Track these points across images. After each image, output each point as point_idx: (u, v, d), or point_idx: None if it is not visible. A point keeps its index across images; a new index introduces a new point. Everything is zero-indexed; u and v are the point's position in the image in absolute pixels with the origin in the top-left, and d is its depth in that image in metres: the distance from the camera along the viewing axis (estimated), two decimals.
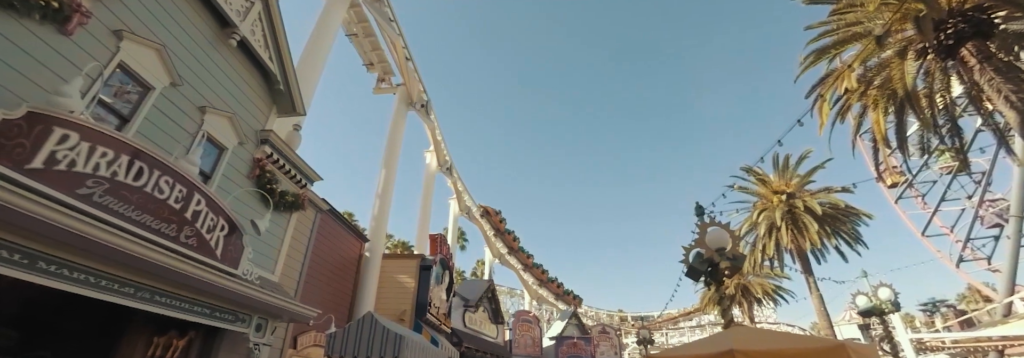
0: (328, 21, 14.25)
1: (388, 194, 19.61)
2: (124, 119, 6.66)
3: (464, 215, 40.65)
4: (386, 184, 19.75)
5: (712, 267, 7.75)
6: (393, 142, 21.87)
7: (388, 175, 20.00)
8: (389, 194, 19.64)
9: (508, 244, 46.21)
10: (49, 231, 5.17)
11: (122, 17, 6.49)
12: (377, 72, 23.50)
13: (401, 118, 23.89)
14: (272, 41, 9.65)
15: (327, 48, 13.79)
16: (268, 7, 9.55)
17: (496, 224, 42.66)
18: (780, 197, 26.16)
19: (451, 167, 35.79)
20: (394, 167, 20.49)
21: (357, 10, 19.62)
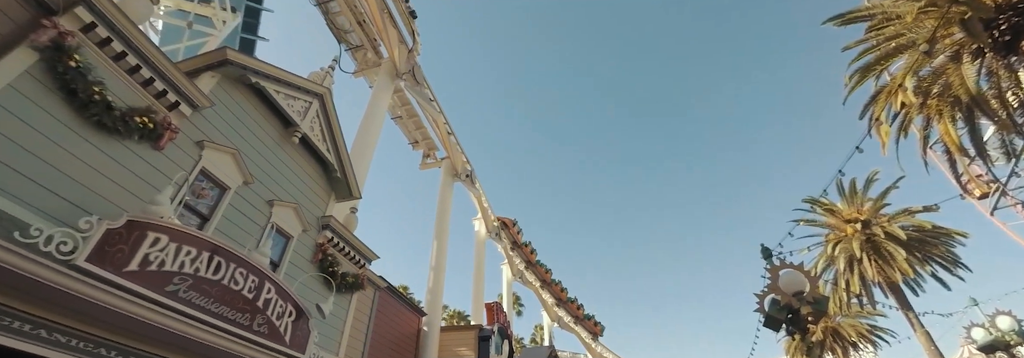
0: (376, 108, 15.40)
1: (441, 266, 19.83)
2: (204, 218, 7.31)
3: (517, 279, 40.07)
4: (438, 256, 20.04)
5: (792, 314, 6.91)
6: (442, 214, 22.43)
7: (440, 247, 20.34)
8: (442, 266, 19.86)
9: (525, 258, 44.37)
10: (141, 328, 5.61)
11: (203, 129, 7.36)
12: (422, 149, 24.70)
13: (448, 189, 24.66)
14: (329, 134, 10.52)
15: (376, 133, 14.79)
16: (324, 105, 10.52)
17: (513, 235, 41.43)
18: (854, 226, 23.44)
19: (499, 232, 35.98)
20: (445, 239, 20.87)
21: (400, 95, 21.11)
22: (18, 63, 5.00)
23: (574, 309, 48.84)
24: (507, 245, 34.90)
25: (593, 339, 49.67)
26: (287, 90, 9.39)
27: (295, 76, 9.61)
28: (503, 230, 38.67)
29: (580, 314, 48.88)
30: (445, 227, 21.42)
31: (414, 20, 20.79)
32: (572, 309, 48.80)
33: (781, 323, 7.04)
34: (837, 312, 29.21)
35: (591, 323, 48.78)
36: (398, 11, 19.60)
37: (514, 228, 39.30)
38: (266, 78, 8.75)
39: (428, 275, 19.52)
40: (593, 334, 47.83)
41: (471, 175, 28.43)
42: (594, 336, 48.54)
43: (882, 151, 15.53)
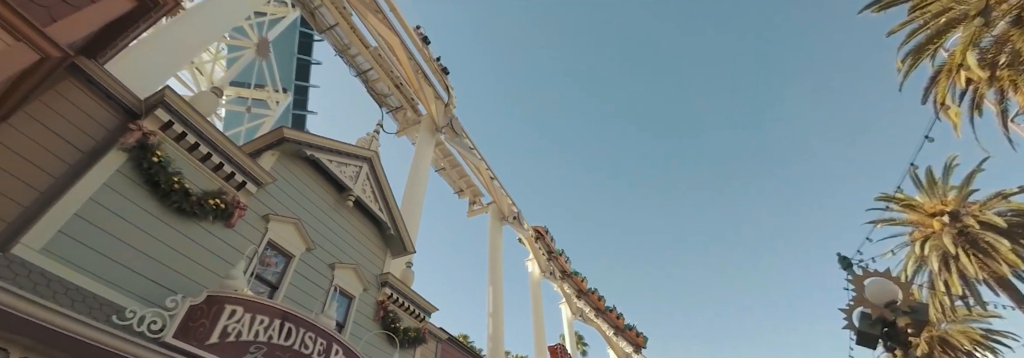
0: (420, 163, 16.01)
1: (499, 312, 19.72)
2: (273, 286, 7.73)
3: (578, 318, 39.07)
4: (495, 302, 19.97)
5: (888, 327, 6.13)
6: (495, 259, 22.52)
7: (495, 292, 20.30)
8: (500, 311, 19.74)
9: (561, 266, 42.56)
10: None
11: (267, 203, 7.91)
12: (468, 196, 25.19)
13: (498, 233, 24.83)
14: (380, 194, 11.01)
15: (423, 186, 15.31)
16: (373, 167, 11.08)
17: (547, 244, 39.98)
18: (941, 220, 20.57)
19: (554, 271, 35.53)
20: (500, 283, 20.85)
21: (441, 147, 21.86)
22: (111, 164, 5.65)
23: (634, 337, 46.78)
24: (558, 275, 34.22)
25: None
26: (339, 158, 10.00)
27: (344, 144, 10.25)
28: (540, 241, 36.92)
29: (640, 342, 46.58)
30: (499, 271, 21.45)
31: (446, 76, 21.78)
32: (631, 337, 46.78)
33: (876, 339, 6.22)
34: (940, 319, 25.08)
35: (632, 334, 46.71)
36: (431, 70, 20.63)
37: (547, 236, 37.02)
38: (319, 150, 9.38)
39: (487, 322, 19.43)
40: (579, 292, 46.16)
41: (519, 217, 28.58)
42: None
43: (955, 133, 14.34)
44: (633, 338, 46.01)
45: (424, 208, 14.96)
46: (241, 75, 23.56)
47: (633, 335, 49.85)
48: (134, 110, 6.16)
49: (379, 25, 17.53)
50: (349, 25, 17.09)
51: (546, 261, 33.28)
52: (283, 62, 25.18)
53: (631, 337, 45.93)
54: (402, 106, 19.50)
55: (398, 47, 18.68)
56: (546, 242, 37.37)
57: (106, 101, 5.95)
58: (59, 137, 5.40)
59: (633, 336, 49.90)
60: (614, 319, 50.55)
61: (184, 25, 8.39)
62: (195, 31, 8.40)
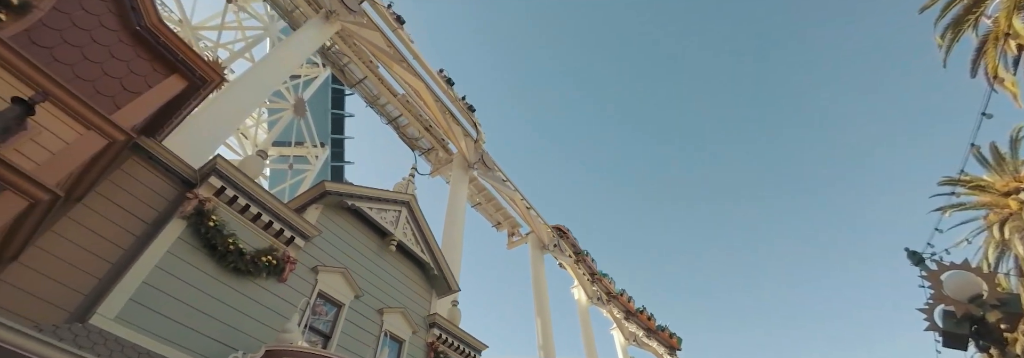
0: (456, 201, 16.30)
1: (549, 343, 19.41)
2: (326, 336, 7.93)
3: (632, 343, 37.91)
4: (545, 333, 19.69)
5: (977, 324, 5.50)
6: (540, 289, 22.34)
7: (544, 323, 20.05)
8: (551, 343, 19.43)
9: (605, 288, 40.01)
10: None
11: (315, 255, 8.22)
12: (506, 228, 25.28)
13: (539, 263, 24.70)
14: (420, 236, 11.24)
15: (461, 224, 15.53)
16: (411, 210, 11.36)
17: (572, 243, 37.33)
18: (1018, 197, 18.52)
19: (601, 295, 34.75)
20: (547, 314, 20.60)
21: (475, 183, 22.19)
22: (173, 232, 6.05)
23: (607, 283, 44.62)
24: (604, 299, 33.29)
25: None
26: (378, 204, 10.33)
27: (382, 191, 10.60)
28: (561, 239, 34.25)
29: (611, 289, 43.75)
30: (545, 302, 21.23)
31: (473, 113, 22.28)
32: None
33: (966, 338, 5.59)
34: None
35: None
36: (458, 109, 21.21)
37: (570, 236, 33.56)
38: (359, 199, 9.73)
39: (538, 355, 19.14)
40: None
41: (559, 244, 28.35)
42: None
43: (1016, 103, 13.53)
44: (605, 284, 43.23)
45: (464, 244, 15.16)
46: (281, 135, 24.85)
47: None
48: (190, 180, 6.61)
49: (404, 73, 18.29)
50: (376, 77, 17.91)
51: (591, 285, 32.66)
52: (319, 118, 26.47)
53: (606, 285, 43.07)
54: (433, 147, 20.04)
55: (424, 91, 19.38)
56: (571, 242, 34.16)
57: (165, 174, 6.43)
58: (126, 211, 5.85)
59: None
60: (667, 338, 47.95)
61: (230, 96, 9.06)
62: (240, 101, 9.05)
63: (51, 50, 5.62)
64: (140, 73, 6.45)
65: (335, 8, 14.87)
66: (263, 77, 10.02)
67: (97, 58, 6.03)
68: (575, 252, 33.25)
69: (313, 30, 13.46)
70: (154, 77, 6.64)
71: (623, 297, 37.33)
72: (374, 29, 17.43)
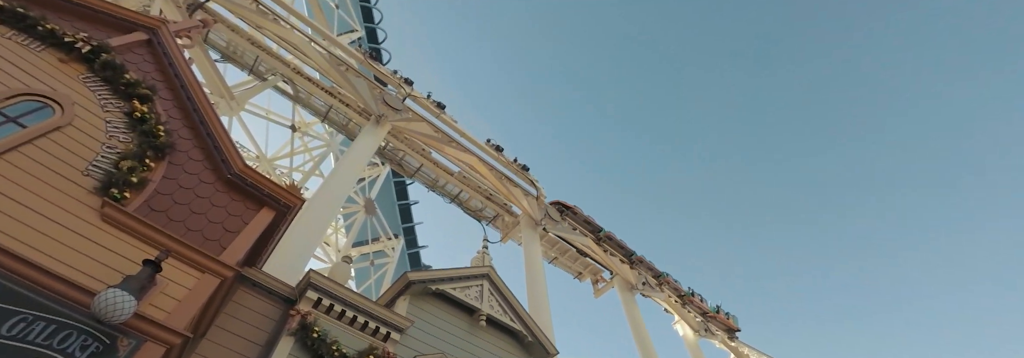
0: (533, 262, 16.34)
1: None
2: None
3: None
4: None
5: None
6: (639, 332, 21.30)
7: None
8: None
9: (674, 289, 33.22)
10: None
11: (412, 346, 8.49)
12: (588, 277, 24.75)
13: (633, 306, 23.71)
14: (507, 306, 11.31)
15: (543, 283, 15.46)
16: (493, 282, 11.54)
17: (651, 267, 29.92)
18: None
19: (707, 327, 32.43)
20: (654, 356, 19.48)
21: (547, 238, 22.22)
22: (284, 350, 6.54)
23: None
24: (713, 329, 30.82)
25: None
26: (460, 283, 10.62)
27: (461, 269, 10.91)
28: (567, 215, 27.89)
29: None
30: (648, 344, 20.15)
31: (528, 172, 22.70)
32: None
33: None
34: None
35: None
36: (513, 172, 21.75)
37: (576, 209, 25.22)
38: (441, 282, 10.08)
39: None
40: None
41: (648, 282, 27.16)
42: None
43: None
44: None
45: (550, 302, 15.00)
46: (358, 235, 26.39)
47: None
48: (290, 297, 7.21)
49: (456, 152, 19.28)
50: (431, 162, 18.97)
51: (691, 315, 30.60)
52: (388, 212, 28.04)
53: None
54: (498, 214, 20.51)
55: (478, 164, 20.20)
56: (648, 266, 28.00)
57: (270, 297, 7.07)
58: (243, 339, 6.44)
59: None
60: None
61: (310, 213, 9.97)
62: (319, 215, 9.94)
63: (166, 212, 6.54)
64: (236, 214, 7.30)
65: (383, 112, 16.24)
66: (335, 189, 11.01)
67: (201, 209, 6.93)
68: (655, 276, 29.81)
69: (368, 137, 14.73)
70: (248, 214, 7.49)
71: (721, 315, 33.25)
72: (420, 120, 18.75)
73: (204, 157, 7.64)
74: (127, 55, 8.37)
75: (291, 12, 17.97)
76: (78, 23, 8.11)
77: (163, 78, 8.56)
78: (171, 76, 8.65)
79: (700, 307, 30.19)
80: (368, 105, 16.38)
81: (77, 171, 5.96)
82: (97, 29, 8.37)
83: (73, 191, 5.72)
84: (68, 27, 7.69)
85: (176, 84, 8.52)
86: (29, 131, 5.89)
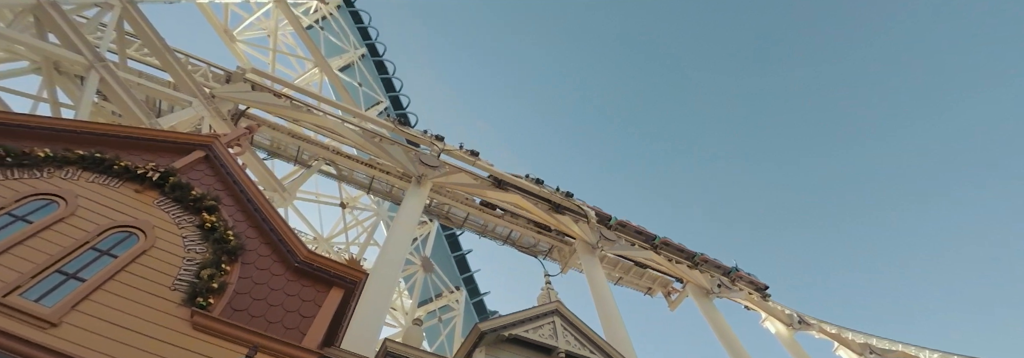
0: (599, 287, 15.93)
1: None
2: None
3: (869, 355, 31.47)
4: None
5: None
6: (726, 337, 20.01)
7: None
8: None
9: (751, 282, 27.87)
10: None
11: None
12: (659, 291, 23.76)
13: (713, 312, 22.39)
14: (583, 338, 10.91)
15: (614, 307, 14.99)
16: (563, 316, 11.27)
17: (718, 265, 26.22)
18: None
19: (802, 318, 30.00)
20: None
21: (607, 260, 21.64)
22: None
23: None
24: (807, 321, 28.34)
25: None
26: (532, 324, 10.44)
27: (529, 310, 10.75)
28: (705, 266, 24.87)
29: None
30: (740, 351, 18.85)
31: (573, 198, 22.29)
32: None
33: None
34: None
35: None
36: (558, 201, 21.41)
37: (627, 222, 22.74)
38: (513, 326, 9.95)
39: None
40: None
41: (723, 282, 25.48)
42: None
43: None
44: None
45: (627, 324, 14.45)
46: (421, 294, 26.63)
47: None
48: None
49: (498, 194, 19.45)
50: (477, 209, 19.19)
51: (779, 308, 28.50)
52: (445, 266, 28.26)
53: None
54: (553, 245, 20.29)
55: (522, 201, 20.22)
56: (715, 264, 24.69)
57: None
58: None
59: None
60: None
61: (374, 284, 10.23)
62: (383, 284, 10.18)
63: (247, 310, 6.89)
64: (309, 298, 7.59)
65: (421, 172, 16.76)
66: (392, 256, 11.32)
67: (277, 301, 7.25)
68: (726, 273, 27.18)
69: (413, 198, 15.19)
70: (320, 297, 7.76)
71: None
72: (458, 171, 19.15)
73: (271, 251, 8.06)
74: (190, 173, 9.11)
75: (321, 100, 19.20)
76: (145, 155, 8.94)
77: (224, 187, 9.21)
78: (230, 183, 9.30)
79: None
80: (406, 168, 16.96)
81: (165, 287, 6.43)
82: (161, 156, 9.19)
83: (165, 307, 6.15)
84: (138, 160, 8.48)
85: (235, 190, 9.14)
86: (120, 260, 6.45)
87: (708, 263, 24.59)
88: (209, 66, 15.73)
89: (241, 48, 26.70)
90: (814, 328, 29.72)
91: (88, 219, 6.79)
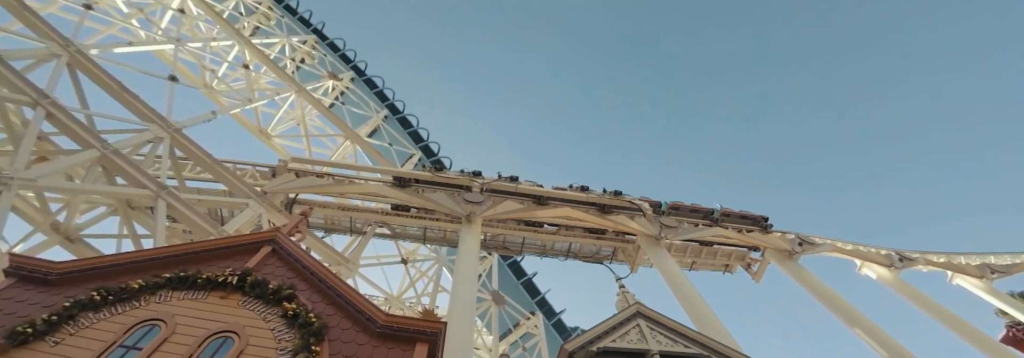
0: (675, 278, 15.30)
1: (891, 343, 15.33)
2: None
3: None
4: (879, 338, 15.72)
5: None
6: (827, 297, 18.53)
7: (870, 330, 16.15)
8: (892, 343, 15.33)
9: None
10: None
11: None
12: (738, 265, 22.49)
13: (803, 272, 20.87)
14: (674, 334, 10.44)
15: (697, 295, 14.31)
16: (646, 316, 10.87)
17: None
18: None
19: (903, 255, 27.20)
20: (862, 319, 16.68)
21: (674, 247, 20.78)
22: None
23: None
24: (898, 257, 25.55)
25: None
26: (617, 332, 10.09)
27: (611, 319, 10.42)
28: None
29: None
30: (845, 307, 17.37)
31: (622, 195, 21.54)
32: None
33: None
34: None
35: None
36: (607, 202, 20.77)
37: (679, 204, 21.39)
38: (598, 339, 9.68)
39: None
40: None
41: (802, 240, 23.48)
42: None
43: None
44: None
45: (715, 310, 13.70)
46: (500, 327, 26.35)
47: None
48: None
49: (547, 211, 19.26)
50: (531, 231, 19.08)
51: (882, 254, 26.12)
52: (515, 294, 27.97)
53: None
54: (615, 247, 19.77)
55: (571, 212, 19.93)
56: (689, 208, 21.59)
57: None
58: None
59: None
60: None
61: (454, 329, 10.28)
62: (462, 327, 10.21)
63: None
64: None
65: (469, 210, 16.96)
66: (463, 298, 11.37)
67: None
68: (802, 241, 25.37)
69: (467, 238, 15.34)
70: (406, 355, 7.88)
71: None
72: (503, 200, 19.19)
73: (352, 323, 8.29)
74: (264, 269, 9.60)
75: (359, 168, 20.02)
76: (222, 262, 9.51)
77: (295, 274, 9.64)
78: (300, 269, 9.72)
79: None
80: (453, 210, 17.21)
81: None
82: (235, 259, 9.74)
83: None
84: (216, 269, 9.02)
85: (306, 274, 9.54)
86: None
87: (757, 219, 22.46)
88: (254, 167, 16.88)
89: (278, 142, 28.44)
90: (919, 262, 27.07)
91: (188, 333, 7.26)
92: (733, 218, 22.00)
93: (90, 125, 13.31)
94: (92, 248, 12.39)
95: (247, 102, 23.22)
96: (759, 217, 22.54)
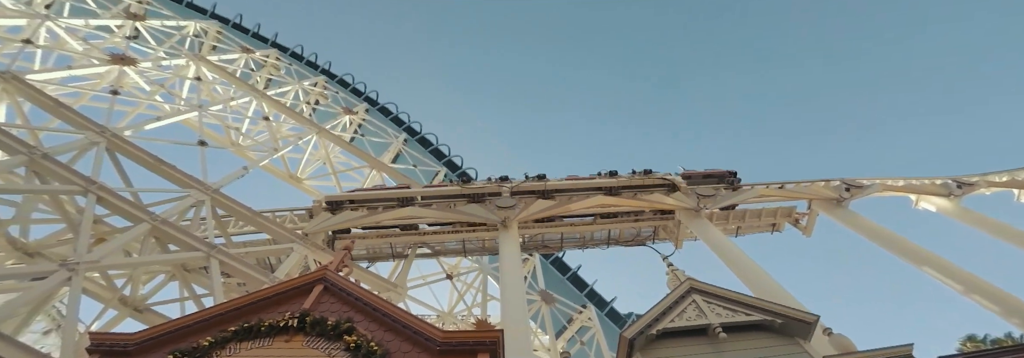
0: (724, 247, 14.83)
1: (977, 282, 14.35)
2: None
3: None
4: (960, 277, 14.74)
5: None
6: (887, 239, 17.54)
7: (946, 268, 15.18)
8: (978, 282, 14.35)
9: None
10: None
11: None
12: (786, 222, 21.49)
13: (853, 218, 19.77)
14: (734, 303, 10.11)
15: (748, 261, 13.83)
16: (702, 291, 10.52)
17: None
18: None
19: (960, 182, 25.31)
20: (931, 257, 15.67)
21: (715, 216, 20.08)
22: None
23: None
24: (956, 185, 23.62)
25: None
26: (674, 311, 9.79)
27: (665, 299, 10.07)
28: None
29: None
30: (911, 248, 16.33)
31: (652, 173, 20.97)
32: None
33: None
34: None
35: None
36: (638, 183, 20.19)
37: (708, 171, 21.34)
38: (656, 322, 9.44)
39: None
40: None
41: (847, 183, 22.08)
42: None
43: None
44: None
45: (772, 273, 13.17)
46: (555, 326, 26.01)
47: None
48: None
49: (580, 204, 19.00)
50: (567, 226, 18.92)
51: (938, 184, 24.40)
52: (563, 291, 27.59)
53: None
54: (656, 226, 19.34)
55: (604, 200, 19.56)
56: (721, 174, 21.32)
57: None
58: None
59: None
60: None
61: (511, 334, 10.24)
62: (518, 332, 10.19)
63: None
64: None
65: (503, 216, 16.97)
66: (514, 304, 11.36)
67: None
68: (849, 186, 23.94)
69: (507, 243, 15.36)
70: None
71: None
72: (534, 200, 19.07)
73: (412, 346, 8.42)
74: (320, 307, 9.85)
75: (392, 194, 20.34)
76: (280, 307, 9.80)
77: (350, 307, 9.85)
78: (353, 302, 9.93)
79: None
80: (487, 218, 17.27)
81: None
82: (292, 303, 10.03)
83: None
84: (276, 315, 9.31)
85: (360, 305, 9.74)
86: None
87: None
88: (292, 211, 17.46)
89: (309, 184, 29.30)
90: (979, 185, 25.07)
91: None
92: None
93: (137, 200, 14.09)
94: (160, 315, 13.07)
95: (273, 152, 24.04)
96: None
